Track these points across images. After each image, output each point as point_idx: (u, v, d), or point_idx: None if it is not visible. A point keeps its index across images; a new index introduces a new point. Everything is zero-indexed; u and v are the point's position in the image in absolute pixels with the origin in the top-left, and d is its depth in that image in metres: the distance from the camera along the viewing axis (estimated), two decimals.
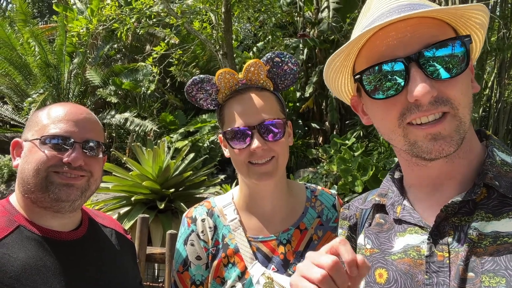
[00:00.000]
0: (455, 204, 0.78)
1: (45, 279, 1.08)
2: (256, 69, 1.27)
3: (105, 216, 1.45)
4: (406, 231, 0.86)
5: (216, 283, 1.29)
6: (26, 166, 1.16)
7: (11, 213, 1.16)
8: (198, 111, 10.55)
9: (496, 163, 0.80)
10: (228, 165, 8.75)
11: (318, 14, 8.96)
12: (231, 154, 1.29)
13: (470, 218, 0.77)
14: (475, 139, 0.86)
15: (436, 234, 0.80)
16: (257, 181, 1.26)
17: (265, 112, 1.25)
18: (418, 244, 0.82)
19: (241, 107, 1.25)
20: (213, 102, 1.34)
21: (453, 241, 0.77)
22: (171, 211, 5.61)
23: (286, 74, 1.32)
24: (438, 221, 0.80)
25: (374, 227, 0.95)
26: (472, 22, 0.82)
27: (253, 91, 1.28)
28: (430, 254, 0.79)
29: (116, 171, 5.85)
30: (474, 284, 0.72)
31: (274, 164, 1.26)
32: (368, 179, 6.26)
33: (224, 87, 1.29)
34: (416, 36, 0.76)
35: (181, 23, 6.07)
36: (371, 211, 0.99)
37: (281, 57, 1.30)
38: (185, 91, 1.33)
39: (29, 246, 1.11)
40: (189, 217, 1.38)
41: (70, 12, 8.01)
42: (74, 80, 10.05)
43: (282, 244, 1.30)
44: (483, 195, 0.78)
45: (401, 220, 0.87)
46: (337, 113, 8.99)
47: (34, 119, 1.23)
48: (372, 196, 1.01)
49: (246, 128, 1.23)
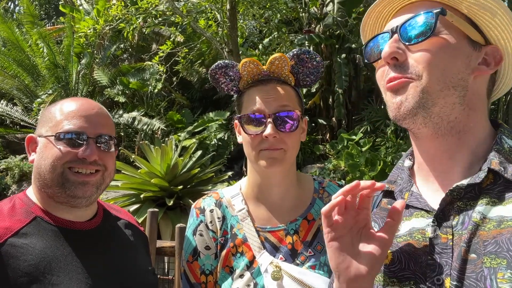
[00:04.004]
0: (460, 188, 0.79)
1: (62, 267, 1.12)
2: (280, 62, 1.29)
3: (119, 208, 1.48)
4: (413, 215, 0.87)
5: (225, 272, 1.31)
6: (43, 162, 1.19)
7: (28, 205, 1.20)
8: (205, 109, 10.60)
9: (503, 149, 0.81)
10: (236, 162, 8.80)
11: (323, 9, 8.93)
12: (244, 139, 1.32)
13: (475, 202, 0.78)
14: (480, 124, 0.86)
15: (441, 217, 0.81)
16: (265, 167, 1.27)
17: (282, 103, 1.27)
18: (423, 227, 0.84)
19: (260, 95, 1.28)
20: (234, 88, 1.37)
21: (457, 224, 0.79)
22: (179, 208, 5.67)
23: (310, 72, 1.35)
24: (444, 205, 0.81)
25: (380, 211, 0.97)
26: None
27: (274, 83, 1.30)
28: (434, 236, 0.80)
29: (125, 169, 5.91)
30: (476, 265, 0.73)
31: (282, 154, 1.27)
32: (376, 174, 6.25)
33: (247, 76, 1.32)
34: (406, 15, 0.86)
35: (187, 22, 6.10)
36: (381, 198, 1.01)
37: (307, 55, 1.32)
38: (209, 73, 1.36)
39: (46, 236, 1.15)
40: (198, 207, 1.40)
41: (77, 13, 8.10)
42: (82, 81, 10.15)
43: (289, 234, 1.32)
44: (489, 181, 0.79)
45: (408, 205, 0.89)
46: (344, 109, 8.97)
47: (47, 115, 1.25)
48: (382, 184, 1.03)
49: (261, 116, 1.26)
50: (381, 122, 8.23)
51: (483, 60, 0.85)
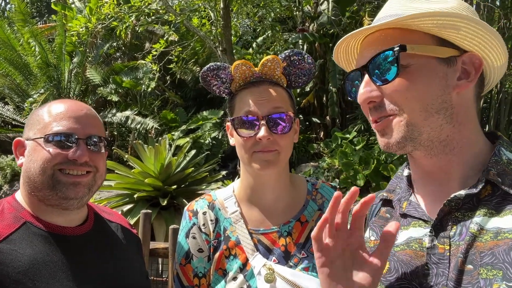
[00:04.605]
0: (458, 199, 0.79)
1: (52, 273, 1.10)
2: (273, 64, 1.29)
3: (111, 211, 1.47)
4: (410, 225, 0.87)
5: (218, 274, 1.30)
6: (32, 165, 1.17)
7: (18, 210, 1.18)
8: (199, 108, 10.56)
9: (501, 161, 0.81)
10: (230, 161, 8.78)
11: (317, 8, 8.94)
12: (237, 142, 1.31)
13: (473, 213, 0.78)
14: (473, 136, 0.85)
15: (439, 227, 0.81)
16: (259, 169, 1.27)
17: (275, 105, 1.27)
18: (421, 237, 0.83)
19: (252, 97, 1.28)
20: (226, 90, 1.36)
21: (455, 235, 0.79)
22: (173, 208, 5.64)
23: (302, 73, 1.35)
24: (441, 215, 0.81)
25: (379, 220, 0.96)
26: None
27: (267, 85, 1.30)
28: (431, 246, 0.80)
29: (118, 169, 5.87)
30: (472, 276, 0.73)
31: (276, 156, 1.27)
32: (370, 173, 6.27)
33: (239, 78, 1.31)
34: (372, 50, 0.85)
35: (180, 21, 6.07)
36: (380, 207, 1.00)
37: (299, 56, 1.32)
38: (200, 76, 1.36)
39: (36, 241, 1.13)
40: (191, 210, 1.39)
41: (69, 11, 8.01)
42: (75, 79, 10.07)
43: (283, 236, 1.32)
44: (487, 192, 0.79)
45: (406, 214, 0.89)
46: (338, 107, 8.99)
47: (35, 118, 1.24)
48: (381, 193, 1.03)
49: (254, 118, 1.25)
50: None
51: (463, 71, 0.82)
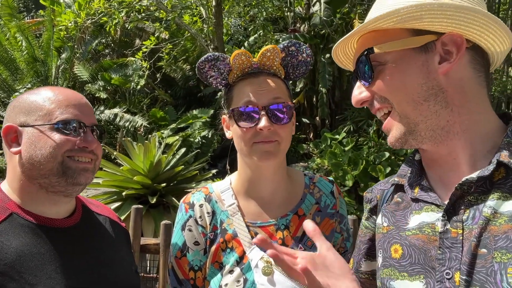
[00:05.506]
0: (470, 182, 0.78)
1: (40, 266, 1.07)
2: (272, 54, 1.27)
3: (100, 204, 1.44)
4: (423, 209, 0.86)
5: (214, 268, 1.28)
6: (38, 152, 1.14)
7: (4, 201, 1.14)
8: (189, 107, 10.49)
9: None
10: (219, 160, 8.74)
11: (309, 9, 8.97)
12: (235, 133, 1.29)
13: (486, 197, 0.77)
14: (480, 118, 0.84)
15: (451, 211, 0.80)
16: (259, 160, 1.26)
17: (275, 96, 1.26)
18: (433, 221, 0.83)
19: (251, 88, 1.26)
20: (223, 82, 1.34)
21: (468, 219, 0.78)
22: (162, 206, 5.58)
23: (299, 65, 1.34)
24: (454, 199, 0.80)
25: (391, 205, 0.96)
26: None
27: (265, 76, 1.28)
28: (444, 231, 0.79)
29: (107, 166, 5.79)
30: (486, 260, 0.72)
31: (276, 147, 1.26)
32: (359, 173, 6.31)
33: (237, 68, 1.29)
34: (357, 54, 0.91)
35: (172, 18, 6.02)
36: (392, 192, 1.00)
37: (297, 47, 1.31)
38: (197, 67, 1.33)
39: (22, 233, 1.10)
40: (187, 202, 1.37)
41: (58, 6, 7.89)
42: (62, 76, 9.90)
43: (280, 229, 1.30)
44: (501, 175, 0.78)
45: (418, 199, 0.88)
46: (328, 108, 9.03)
47: (29, 104, 1.19)
48: (392, 178, 1.02)
49: (255, 109, 1.24)
50: (364, 122, 8.32)
51: (445, 52, 0.80)
